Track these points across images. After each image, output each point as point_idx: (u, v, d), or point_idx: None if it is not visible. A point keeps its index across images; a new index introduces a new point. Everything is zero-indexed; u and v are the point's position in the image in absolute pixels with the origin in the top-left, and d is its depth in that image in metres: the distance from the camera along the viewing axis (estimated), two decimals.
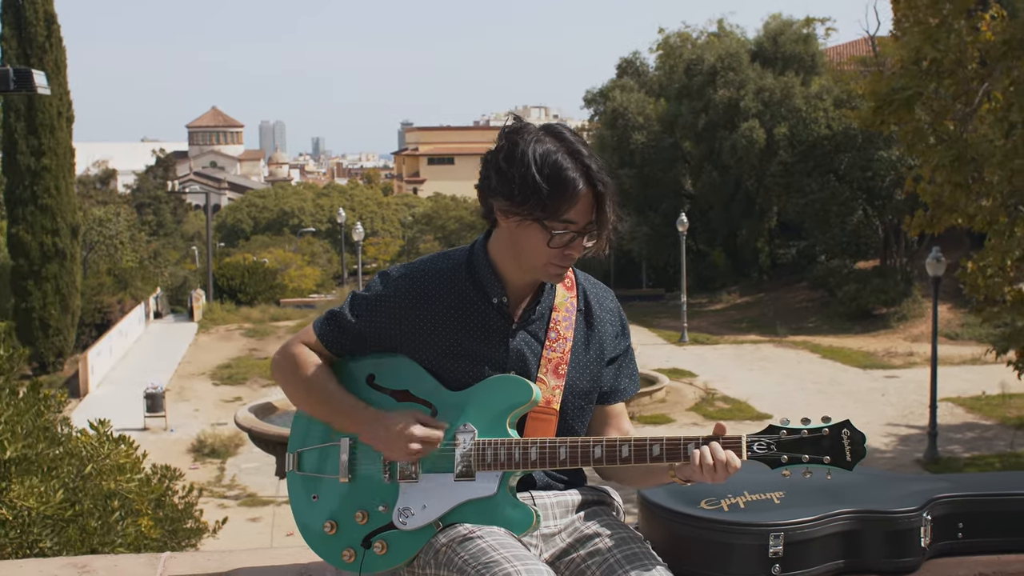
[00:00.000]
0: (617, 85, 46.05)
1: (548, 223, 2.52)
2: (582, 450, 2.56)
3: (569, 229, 2.53)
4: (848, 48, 47.07)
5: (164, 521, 7.74)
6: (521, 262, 2.62)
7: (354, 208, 69.29)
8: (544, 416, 2.65)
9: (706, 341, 35.36)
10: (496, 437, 2.60)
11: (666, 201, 44.00)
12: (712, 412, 24.66)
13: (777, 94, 40.57)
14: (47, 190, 32.78)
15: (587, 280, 2.82)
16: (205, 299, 44.92)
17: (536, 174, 2.49)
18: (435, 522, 2.61)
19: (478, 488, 2.60)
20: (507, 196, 2.54)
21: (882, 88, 17.45)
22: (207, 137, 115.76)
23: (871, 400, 25.68)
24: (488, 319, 2.67)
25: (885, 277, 36.95)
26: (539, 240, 2.54)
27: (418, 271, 2.71)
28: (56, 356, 33.76)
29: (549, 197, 2.49)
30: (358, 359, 2.76)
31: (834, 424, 2.48)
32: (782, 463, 2.48)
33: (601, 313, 2.79)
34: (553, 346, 2.69)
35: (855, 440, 2.47)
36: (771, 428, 2.51)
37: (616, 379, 2.80)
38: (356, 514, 2.69)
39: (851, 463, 2.45)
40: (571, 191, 2.50)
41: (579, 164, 2.52)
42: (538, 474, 2.69)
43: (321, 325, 2.76)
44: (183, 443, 23.35)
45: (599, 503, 2.78)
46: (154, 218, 67.72)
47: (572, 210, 2.51)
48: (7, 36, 32.18)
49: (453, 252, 2.76)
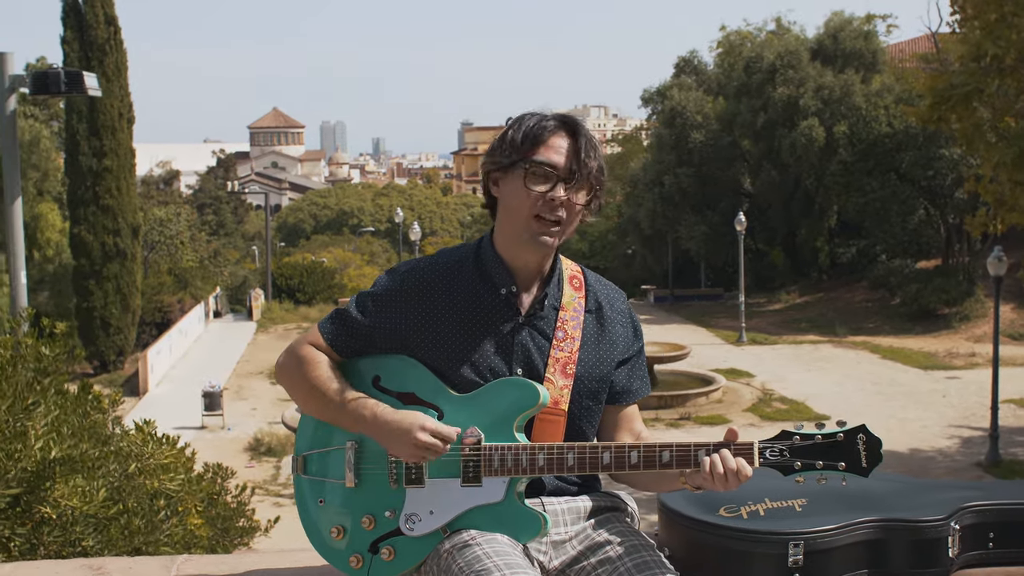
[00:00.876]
0: (675, 84, 45.81)
1: (523, 164, 2.57)
2: (590, 456, 2.53)
3: (545, 169, 2.56)
4: (910, 45, 46.52)
5: (216, 520, 7.80)
6: (513, 224, 2.62)
7: (413, 207, 69.66)
8: (552, 417, 2.62)
9: (764, 341, 35.08)
10: (503, 442, 2.57)
11: (724, 200, 43.71)
12: (769, 413, 24.44)
13: (837, 92, 40.15)
14: (108, 191, 33.16)
15: (598, 281, 2.81)
16: (264, 298, 45.28)
17: (512, 129, 2.62)
18: (442, 528, 2.58)
19: (485, 494, 2.57)
20: (490, 154, 2.64)
21: (940, 84, 17.22)
22: (268, 138, 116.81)
23: (931, 401, 25.33)
24: (496, 311, 2.65)
25: (947, 277, 36.44)
26: (520, 187, 2.58)
27: (425, 265, 2.71)
28: (117, 355, 34.15)
29: (523, 138, 2.58)
30: (363, 360, 2.74)
31: (849, 429, 2.43)
32: (795, 470, 2.43)
33: (612, 314, 2.77)
34: (561, 345, 2.66)
35: (871, 445, 2.42)
36: (784, 433, 2.46)
37: (629, 380, 2.77)
38: (363, 519, 2.66)
39: (867, 469, 2.40)
40: (539, 128, 2.59)
41: (558, 116, 2.62)
42: (548, 479, 2.66)
43: (327, 325, 2.74)
44: (240, 441, 23.53)
45: (612, 509, 2.74)
46: (215, 218, 68.34)
47: (546, 150, 2.58)
48: (69, 39, 32.54)
49: (460, 247, 2.76)
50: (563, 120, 2.60)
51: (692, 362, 27.73)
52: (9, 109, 9.49)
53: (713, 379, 26.03)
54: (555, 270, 2.73)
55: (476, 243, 2.74)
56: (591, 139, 2.59)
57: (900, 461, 19.13)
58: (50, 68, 8.43)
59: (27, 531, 4.36)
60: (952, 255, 38.71)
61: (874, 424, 10.21)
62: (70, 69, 8.29)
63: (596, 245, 54.85)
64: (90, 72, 32.23)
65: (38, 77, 8.98)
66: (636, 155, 52.74)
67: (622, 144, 61.16)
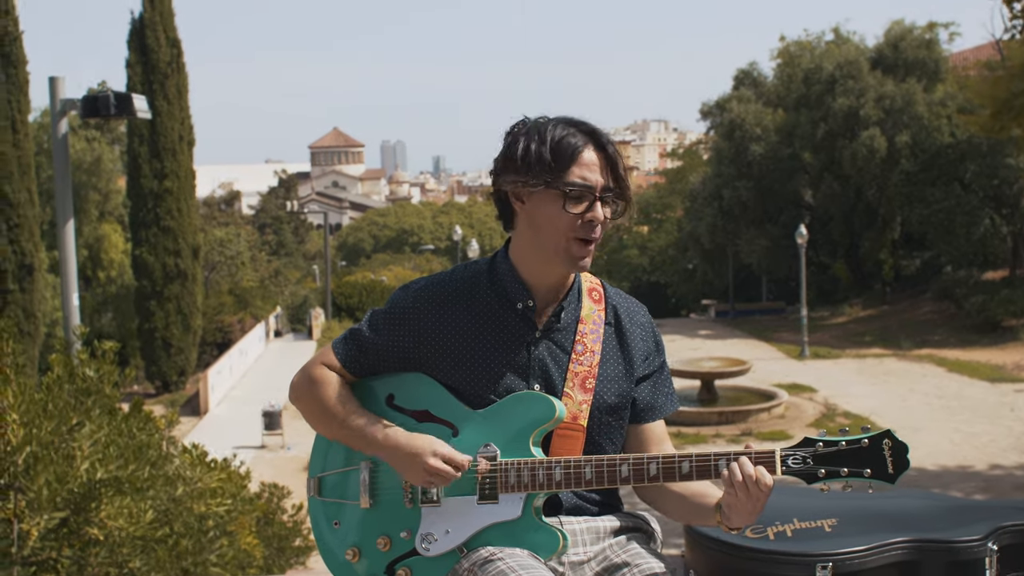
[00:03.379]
0: (734, 96, 45.54)
1: (561, 186, 2.47)
2: (608, 469, 2.46)
3: (583, 190, 2.48)
4: (974, 53, 45.88)
5: (272, 539, 7.82)
6: (544, 245, 2.53)
7: (472, 225, 69.81)
8: (570, 433, 2.56)
9: (827, 355, 34.68)
10: (519, 457, 2.51)
11: (785, 213, 43.35)
12: (832, 428, 24.09)
13: (898, 101, 39.69)
14: (169, 212, 33.55)
15: (618, 295, 2.74)
16: (324, 317, 45.52)
17: (533, 141, 2.50)
18: (459, 547, 2.54)
19: (502, 511, 2.52)
20: (515, 171, 2.51)
21: (1000, 93, 16.96)
22: (329, 157, 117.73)
23: (999, 415, 24.88)
24: (511, 326, 2.60)
25: (1014, 288, 35.84)
26: (555, 208, 2.49)
27: (439, 282, 2.66)
28: (178, 375, 34.48)
29: (553, 156, 2.47)
30: (377, 379, 2.70)
31: (874, 434, 2.37)
32: (819, 477, 2.36)
33: (632, 328, 2.70)
34: (580, 359, 2.60)
35: (897, 451, 2.34)
36: (807, 440, 2.39)
37: (653, 396, 2.69)
38: (379, 540, 2.63)
39: (893, 476, 2.33)
40: (567, 145, 2.48)
41: (578, 125, 2.52)
42: (566, 497, 2.60)
43: (339, 346, 2.71)
44: (299, 461, 23.64)
45: (634, 530, 2.67)
46: (275, 237, 68.89)
47: (579, 168, 2.48)
48: (132, 63, 32.95)
49: (475, 262, 2.70)
50: (588, 132, 2.51)
51: (754, 377, 27.48)
52: (61, 132, 9.61)
53: (775, 394, 25.75)
54: (574, 283, 2.66)
55: (490, 258, 2.68)
56: (617, 149, 2.51)
57: (967, 477, 18.79)
58: (101, 92, 8.53)
59: (74, 552, 4.38)
60: (1019, 265, 38.10)
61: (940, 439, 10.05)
62: (120, 92, 8.41)
63: (656, 260, 54.66)
64: (151, 95, 32.42)
65: (88, 101, 9.09)
66: (696, 169, 52.48)
67: (682, 158, 60.94)
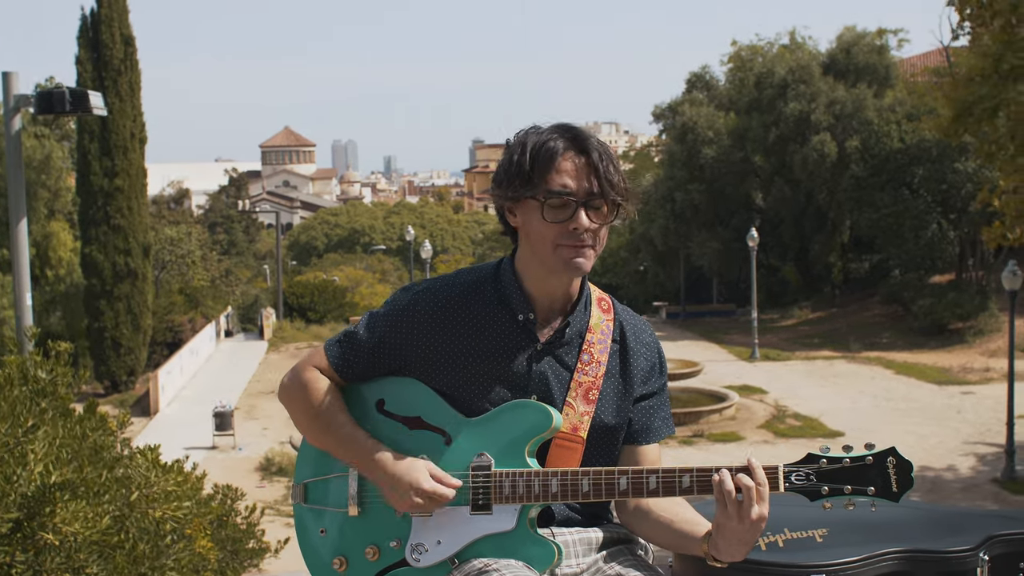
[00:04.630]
0: (687, 99, 45.74)
1: (539, 195, 2.40)
2: (606, 482, 2.40)
3: (563, 198, 2.39)
4: (921, 59, 46.35)
5: (226, 542, 7.69)
6: (539, 257, 2.46)
7: (424, 225, 69.74)
8: (570, 444, 2.49)
9: (777, 357, 34.91)
10: (514, 468, 2.44)
11: (736, 216, 43.60)
12: (783, 429, 24.27)
13: (849, 107, 40.04)
14: (120, 210, 33.18)
15: (625, 311, 2.66)
16: (275, 317, 45.24)
17: (516, 152, 2.44)
18: (450, 558, 2.47)
19: (496, 522, 2.45)
20: (500, 184, 2.46)
21: (961, 95, 17.04)
22: (280, 157, 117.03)
23: (946, 417, 25.14)
24: (512, 338, 2.52)
25: (961, 291, 36.24)
26: (538, 220, 2.42)
27: (441, 285, 2.58)
28: (128, 375, 34.12)
29: (532, 167, 2.40)
30: (368, 384, 2.61)
31: (879, 452, 2.31)
32: (823, 495, 2.31)
33: (637, 346, 2.62)
34: (586, 369, 2.52)
35: (902, 469, 2.30)
36: (810, 457, 2.34)
37: (648, 418, 2.62)
38: (367, 550, 2.55)
39: (898, 494, 2.29)
40: (546, 152, 2.40)
41: (562, 131, 2.43)
42: (558, 508, 2.53)
43: (333, 348, 2.61)
44: (251, 461, 23.45)
45: (625, 541, 2.62)
46: (226, 237, 68.44)
47: (559, 176, 2.39)
48: (83, 59, 32.53)
49: (480, 267, 2.62)
50: (571, 137, 2.42)
51: (705, 379, 27.59)
52: (14, 129, 9.41)
53: (726, 396, 25.86)
54: (582, 294, 2.59)
55: (495, 265, 2.60)
56: (604, 151, 2.41)
57: (917, 479, 18.94)
58: (56, 88, 8.34)
59: (29, 557, 4.26)
60: (966, 269, 38.53)
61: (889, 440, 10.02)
62: (75, 88, 8.22)
63: (608, 262, 54.80)
64: (103, 92, 32.06)
65: (43, 97, 8.90)
66: (647, 171, 52.67)
67: (633, 160, 61.11)
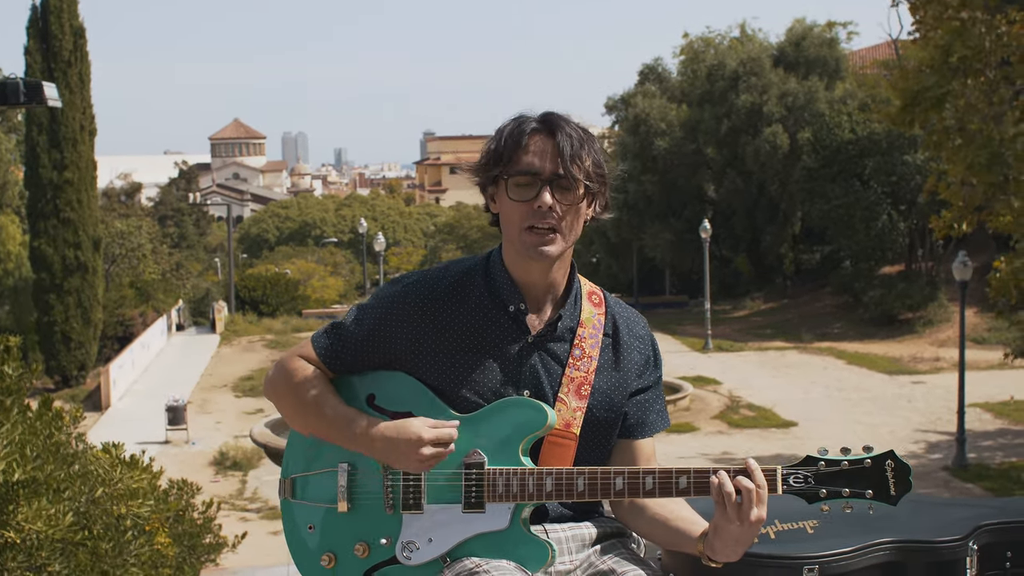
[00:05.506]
0: (639, 91, 45.81)
1: (505, 174, 2.43)
2: (602, 481, 2.37)
3: (527, 176, 2.40)
4: (870, 52, 46.80)
5: (183, 537, 7.60)
6: (511, 241, 2.47)
7: (376, 218, 69.47)
8: (562, 441, 2.46)
9: (730, 348, 35.11)
10: (507, 465, 2.41)
11: (689, 207, 43.74)
12: (737, 420, 24.42)
13: (800, 99, 40.30)
14: (69, 203, 32.81)
15: (618, 304, 2.64)
16: (227, 311, 44.90)
17: (494, 138, 2.47)
18: (442, 557, 2.43)
19: (489, 521, 2.41)
20: (477, 171, 2.50)
21: (910, 85, 17.18)
22: (230, 149, 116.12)
23: (898, 406, 25.39)
24: (503, 330, 2.49)
25: (910, 282, 36.63)
26: (507, 200, 2.43)
27: (431, 277, 2.55)
28: (78, 369, 33.78)
29: (503, 148, 2.42)
30: (357, 377, 2.57)
31: (877, 455, 2.30)
32: (821, 497, 2.31)
33: (630, 340, 2.60)
34: (577, 364, 2.50)
35: (900, 472, 2.29)
36: (809, 459, 2.33)
37: (643, 412, 2.59)
38: (356, 547, 2.50)
39: (896, 497, 2.28)
40: (517, 133, 2.42)
41: (538, 117, 2.45)
42: (551, 505, 2.50)
43: (321, 339, 2.57)
44: (205, 456, 23.27)
45: (617, 535, 2.60)
46: (176, 230, 67.86)
47: (526, 155, 2.41)
48: (32, 50, 32.17)
49: (469, 259, 2.60)
50: (542, 120, 2.43)
51: None
52: None
53: (680, 387, 25.93)
54: (571, 288, 2.56)
55: (485, 256, 2.58)
56: (577, 134, 2.41)
57: None
58: (8, 78, 8.18)
59: None
60: (915, 260, 38.90)
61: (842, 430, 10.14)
62: (30, 79, 8.06)
63: None
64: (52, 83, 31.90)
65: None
66: None
67: None
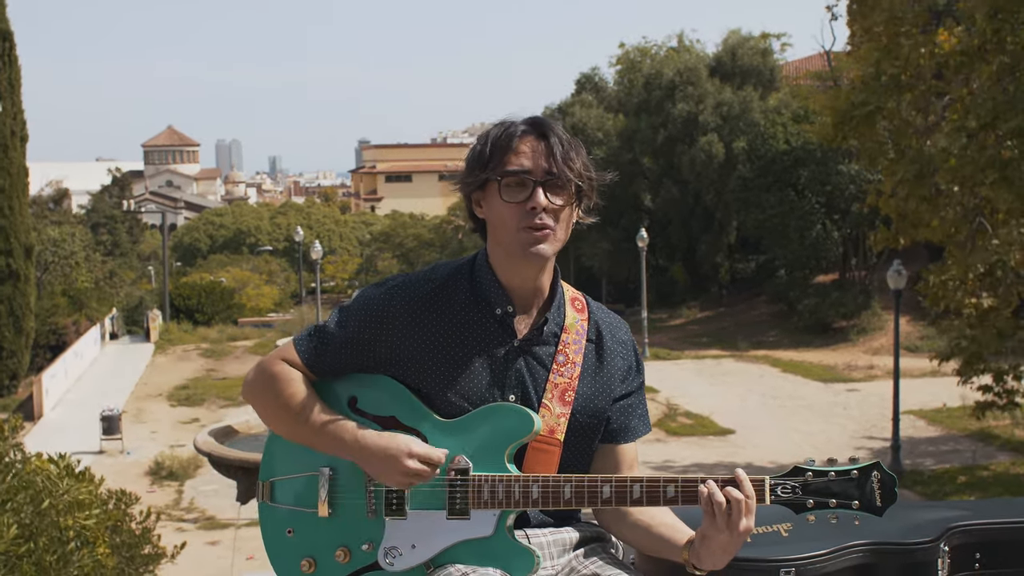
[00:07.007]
0: (576, 101, 46.02)
1: (497, 176, 2.42)
2: (589, 489, 2.37)
3: (519, 176, 2.41)
4: (804, 63, 47.29)
5: (121, 548, 7.50)
6: (502, 244, 2.46)
7: (312, 227, 69.07)
8: (547, 447, 2.45)
9: (667, 356, 35.28)
10: (492, 472, 2.40)
11: (625, 216, 43.91)
12: (675, 427, 24.55)
13: (736, 108, 40.67)
14: (0, 210, 32.26)
15: (600, 309, 2.64)
16: (161, 319, 44.42)
17: (480, 142, 2.47)
18: (425, 563, 2.41)
19: (473, 528, 2.40)
20: (464, 176, 2.50)
21: (841, 103, 17.43)
22: (163, 156, 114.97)
23: (833, 414, 25.66)
24: (489, 333, 2.48)
25: (844, 290, 37.06)
26: (499, 202, 2.43)
27: (416, 280, 2.52)
28: (10, 379, 33.20)
29: (491, 151, 2.42)
30: (339, 381, 2.54)
31: (864, 466, 2.33)
32: (808, 508, 2.33)
33: (613, 345, 2.60)
34: (561, 370, 2.49)
35: (886, 483, 2.32)
36: (796, 470, 2.35)
37: (627, 417, 2.59)
38: (337, 552, 2.47)
39: (882, 508, 2.31)
40: (506, 136, 2.43)
41: (526, 120, 2.47)
42: (533, 511, 2.49)
43: (303, 342, 2.54)
44: (140, 466, 22.99)
45: (597, 539, 2.60)
46: (109, 238, 66.89)
47: (515, 157, 2.42)
48: None
49: (454, 262, 2.58)
50: (531, 123, 2.45)
51: None
52: None
53: None
54: (555, 292, 2.56)
55: (470, 259, 2.56)
56: (565, 137, 2.44)
57: None
58: None
59: None
60: (849, 269, 39.37)
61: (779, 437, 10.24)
62: None
63: None
64: None
65: None
66: None
67: None
